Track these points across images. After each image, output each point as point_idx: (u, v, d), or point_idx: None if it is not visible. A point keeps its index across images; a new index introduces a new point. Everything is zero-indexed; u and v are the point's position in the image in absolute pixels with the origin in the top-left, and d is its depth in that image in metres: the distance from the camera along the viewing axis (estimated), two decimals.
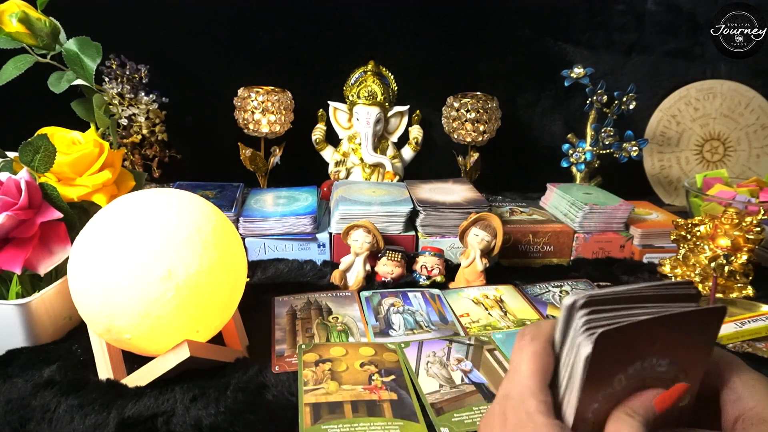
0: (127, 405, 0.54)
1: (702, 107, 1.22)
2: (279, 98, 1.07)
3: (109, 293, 0.52)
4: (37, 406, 0.54)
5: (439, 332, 0.71)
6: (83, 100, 0.82)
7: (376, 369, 0.62)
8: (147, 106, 1.05)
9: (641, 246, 0.95)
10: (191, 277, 0.53)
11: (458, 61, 1.21)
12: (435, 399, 0.57)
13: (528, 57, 1.22)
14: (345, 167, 1.11)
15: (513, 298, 0.80)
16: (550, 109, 1.25)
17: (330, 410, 0.54)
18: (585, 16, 1.19)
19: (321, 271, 0.88)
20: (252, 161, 1.10)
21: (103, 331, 0.55)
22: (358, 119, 1.09)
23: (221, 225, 0.59)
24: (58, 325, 0.66)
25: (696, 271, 0.84)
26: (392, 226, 0.90)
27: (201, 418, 0.53)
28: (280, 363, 0.63)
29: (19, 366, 0.60)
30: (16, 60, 0.74)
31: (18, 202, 0.61)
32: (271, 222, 0.89)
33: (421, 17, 1.18)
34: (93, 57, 0.75)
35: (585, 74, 1.08)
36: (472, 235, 0.84)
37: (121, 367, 0.59)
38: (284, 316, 0.73)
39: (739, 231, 0.81)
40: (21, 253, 0.61)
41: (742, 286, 0.82)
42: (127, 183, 0.79)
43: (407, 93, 1.14)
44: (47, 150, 0.68)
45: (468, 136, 1.11)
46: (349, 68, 1.12)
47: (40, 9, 0.75)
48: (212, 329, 0.59)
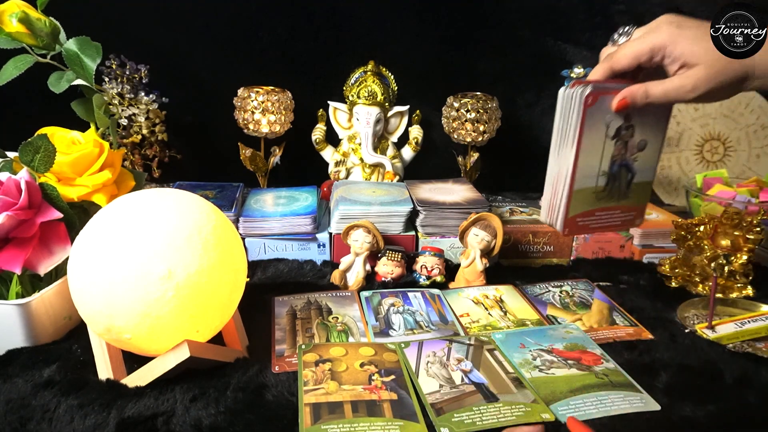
0: (127, 405, 0.54)
1: (702, 107, 1.22)
2: (279, 98, 1.07)
3: (109, 293, 0.52)
4: (37, 406, 0.54)
5: (439, 332, 0.71)
6: (83, 100, 0.82)
7: (376, 369, 0.62)
8: (147, 106, 1.05)
9: (641, 246, 0.95)
10: (191, 277, 0.53)
11: (458, 61, 1.21)
12: (435, 399, 0.57)
13: (528, 57, 1.21)
14: (345, 167, 1.11)
15: (513, 298, 0.80)
16: (550, 109, 1.25)
17: (330, 410, 0.54)
18: (585, 16, 1.19)
19: (321, 271, 0.88)
20: (252, 161, 1.10)
21: (103, 331, 0.55)
22: (358, 119, 1.09)
23: (221, 225, 0.59)
24: (58, 325, 0.66)
25: (696, 271, 0.84)
26: (392, 226, 0.90)
27: (201, 418, 0.53)
28: (280, 363, 0.63)
29: (19, 366, 0.60)
30: (16, 60, 0.74)
31: (18, 202, 0.61)
32: (271, 222, 0.89)
33: (421, 17, 1.18)
34: (93, 57, 0.75)
35: (585, 74, 1.08)
36: (472, 235, 0.84)
37: (121, 367, 0.59)
38: (284, 316, 0.73)
39: (739, 231, 0.81)
40: (21, 253, 0.61)
41: (742, 286, 0.82)
42: (127, 183, 0.79)
43: (407, 93, 1.14)
44: (47, 150, 0.67)
45: (468, 136, 1.11)
46: (349, 68, 1.12)
47: (40, 9, 0.75)
48: (212, 329, 0.59)
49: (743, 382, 0.61)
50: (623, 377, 0.62)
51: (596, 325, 0.74)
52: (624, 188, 0.62)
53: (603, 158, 0.58)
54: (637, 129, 0.59)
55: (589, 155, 0.58)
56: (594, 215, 0.61)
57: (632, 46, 0.54)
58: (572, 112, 0.56)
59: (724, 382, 0.61)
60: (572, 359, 0.65)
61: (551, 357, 0.65)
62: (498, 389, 0.59)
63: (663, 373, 0.62)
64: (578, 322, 0.74)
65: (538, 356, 0.65)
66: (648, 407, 0.57)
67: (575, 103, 0.55)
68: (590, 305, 0.79)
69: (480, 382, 0.60)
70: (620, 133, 0.58)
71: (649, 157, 0.61)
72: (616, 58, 0.54)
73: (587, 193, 0.60)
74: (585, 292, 0.83)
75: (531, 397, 0.58)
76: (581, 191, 0.59)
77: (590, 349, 0.67)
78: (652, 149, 0.61)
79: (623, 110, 0.56)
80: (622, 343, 0.69)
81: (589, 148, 0.57)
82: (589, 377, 0.61)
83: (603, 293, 0.81)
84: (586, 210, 0.61)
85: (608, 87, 0.56)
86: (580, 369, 0.63)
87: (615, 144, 0.58)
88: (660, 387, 0.60)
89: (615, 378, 0.61)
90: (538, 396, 0.58)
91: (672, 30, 0.52)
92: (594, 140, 0.57)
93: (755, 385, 0.60)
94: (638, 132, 0.59)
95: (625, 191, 0.62)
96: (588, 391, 0.59)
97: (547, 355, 0.66)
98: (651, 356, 0.66)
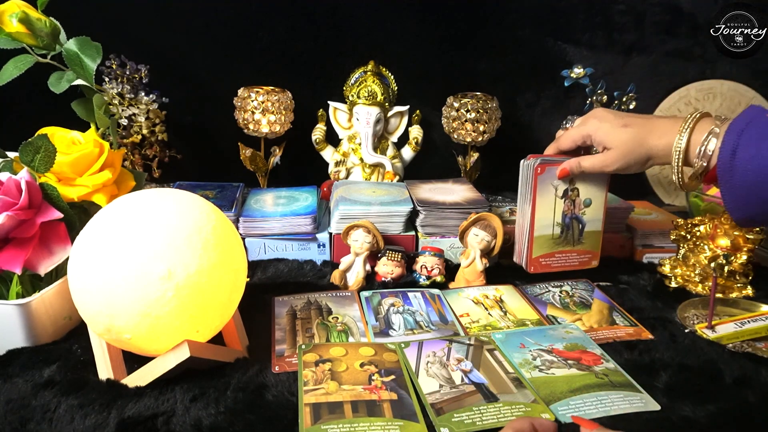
0: (127, 405, 0.54)
1: (702, 107, 1.22)
2: (279, 98, 1.07)
3: (109, 293, 0.52)
4: (37, 406, 0.54)
5: (439, 332, 0.71)
6: (83, 100, 0.82)
7: (376, 369, 0.62)
8: (147, 106, 1.05)
9: (641, 246, 0.95)
10: (191, 277, 0.53)
11: (458, 61, 1.21)
12: (435, 399, 0.57)
13: (528, 57, 1.21)
14: (345, 167, 1.11)
15: (513, 298, 0.80)
16: (550, 109, 1.25)
17: (330, 410, 0.54)
18: (585, 16, 1.19)
19: (321, 271, 0.88)
20: (252, 161, 1.10)
21: (103, 331, 0.55)
22: (358, 119, 1.09)
23: (221, 225, 0.59)
24: (58, 325, 0.66)
25: (696, 271, 0.84)
26: (392, 226, 0.90)
27: (201, 418, 0.53)
28: (280, 363, 0.63)
29: (20, 366, 0.60)
30: (17, 60, 0.74)
31: (18, 202, 0.61)
32: (271, 222, 0.89)
33: (421, 17, 1.18)
34: (93, 57, 0.75)
35: (585, 74, 1.08)
36: (472, 235, 0.84)
37: (121, 367, 0.59)
38: (284, 316, 0.73)
39: (738, 231, 0.81)
40: (21, 253, 0.61)
41: (741, 286, 0.82)
42: (127, 183, 0.79)
43: (407, 93, 1.14)
44: (47, 150, 0.68)
45: (468, 136, 1.11)
46: (349, 68, 1.12)
47: (40, 9, 0.75)
48: (212, 329, 0.59)
49: (743, 382, 0.61)
50: (623, 377, 0.62)
51: (596, 325, 0.74)
52: (577, 236, 0.82)
53: (555, 212, 0.80)
54: (581, 190, 0.80)
55: (543, 210, 0.79)
56: (554, 256, 0.82)
57: (570, 133, 0.75)
58: (529, 179, 0.78)
59: (724, 382, 0.61)
60: (572, 359, 0.65)
61: (551, 357, 0.65)
62: (498, 389, 0.59)
63: (663, 373, 0.62)
64: (578, 322, 0.74)
65: (538, 356, 0.65)
66: (648, 407, 0.57)
67: (530, 172, 0.77)
68: (590, 305, 0.79)
69: (480, 382, 0.60)
70: (567, 194, 0.80)
71: (595, 211, 0.82)
72: (561, 141, 0.77)
73: (546, 239, 0.81)
74: (585, 292, 0.83)
75: (531, 397, 0.58)
76: (541, 237, 0.80)
77: (590, 349, 0.67)
78: (597, 205, 0.81)
79: (566, 177, 0.78)
80: (622, 343, 0.69)
81: (543, 204, 0.79)
82: (589, 377, 0.61)
83: (603, 293, 0.81)
84: (546, 252, 0.81)
85: (554, 160, 0.78)
86: (580, 369, 0.63)
87: (564, 202, 0.80)
88: (660, 387, 0.60)
89: (615, 378, 0.61)
90: (538, 396, 0.58)
91: (596, 123, 0.72)
92: (546, 199, 0.79)
93: (755, 385, 0.60)
94: (583, 192, 0.80)
95: (578, 238, 0.82)
96: (588, 391, 0.59)
97: (547, 355, 0.66)
98: (651, 356, 0.66)
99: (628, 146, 0.69)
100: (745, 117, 0.61)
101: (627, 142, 0.69)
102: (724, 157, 0.60)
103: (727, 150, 0.59)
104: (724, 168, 0.60)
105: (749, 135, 0.59)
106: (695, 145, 0.64)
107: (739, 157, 0.58)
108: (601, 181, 0.80)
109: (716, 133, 0.63)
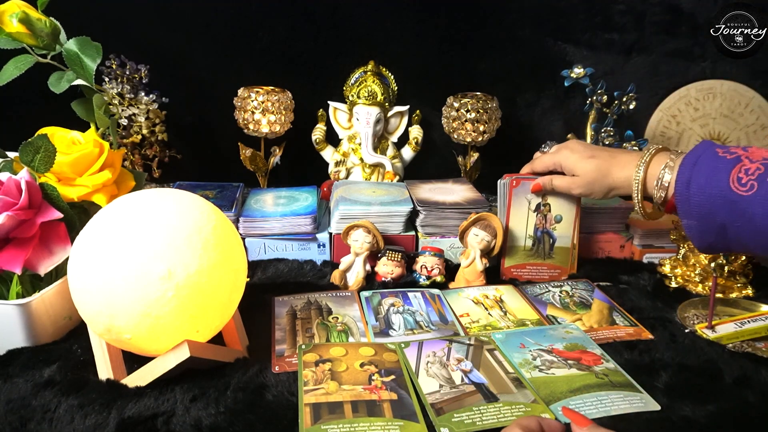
0: (127, 405, 0.54)
1: (702, 107, 1.22)
2: (279, 98, 1.07)
3: (109, 293, 0.52)
4: (38, 406, 0.54)
5: (439, 332, 0.71)
6: (83, 100, 0.82)
7: (376, 369, 0.62)
8: (147, 106, 1.05)
9: (641, 246, 0.95)
10: (191, 277, 0.53)
11: (458, 61, 1.21)
12: (435, 399, 0.57)
13: (528, 57, 1.21)
14: (345, 167, 1.11)
15: (513, 298, 0.81)
16: (550, 109, 1.25)
17: (330, 410, 0.54)
18: (585, 16, 1.19)
19: (321, 271, 0.88)
20: (252, 161, 1.10)
21: (103, 331, 0.55)
22: (358, 119, 1.08)
23: (221, 225, 0.59)
24: (58, 325, 0.66)
25: (696, 271, 0.84)
26: (392, 226, 0.90)
27: (201, 418, 0.53)
28: (280, 363, 0.63)
29: (20, 366, 0.60)
30: (17, 60, 0.74)
31: (18, 202, 0.61)
32: (271, 222, 0.89)
33: (421, 17, 1.18)
34: (93, 57, 0.75)
35: (585, 74, 1.08)
36: (472, 235, 0.84)
37: (121, 367, 0.59)
38: (284, 316, 0.73)
39: None
40: (21, 253, 0.61)
41: (742, 286, 0.82)
42: (127, 183, 0.79)
43: (407, 93, 1.14)
44: (47, 150, 0.68)
45: (468, 136, 1.11)
46: (349, 68, 1.12)
47: (40, 9, 0.75)
48: (212, 329, 0.59)
49: (743, 381, 0.61)
50: (623, 377, 0.62)
51: (596, 325, 0.74)
52: (548, 250, 0.88)
53: (528, 225, 0.86)
54: (553, 206, 0.86)
55: (517, 222, 0.86)
56: (525, 268, 0.88)
57: (544, 159, 0.82)
58: (505, 193, 0.86)
59: (724, 381, 0.61)
60: (572, 359, 0.65)
61: (551, 357, 0.65)
62: (498, 389, 0.59)
63: (663, 373, 0.62)
64: (578, 322, 0.74)
65: (538, 356, 0.65)
66: (648, 407, 0.57)
67: (506, 188, 0.85)
68: (590, 305, 0.79)
69: (480, 382, 0.60)
70: (540, 208, 0.86)
71: (566, 228, 0.87)
72: (536, 165, 0.84)
73: (518, 250, 0.87)
74: (585, 292, 0.83)
75: (531, 397, 0.58)
76: (513, 248, 0.87)
77: (590, 349, 0.67)
78: (567, 222, 0.86)
79: (538, 192, 0.84)
80: (622, 343, 0.69)
81: (517, 216, 0.86)
82: (589, 377, 0.61)
83: (603, 293, 0.81)
84: (518, 263, 0.88)
85: (529, 176, 0.85)
86: (580, 369, 0.63)
87: (536, 216, 0.86)
88: (660, 387, 0.60)
89: (615, 378, 0.61)
90: (538, 396, 0.58)
91: (567, 153, 0.79)
92: (520, 211, 0.86)
93: (755, 385, 0.60)
94: (554, 208, 0.86)
95: (549, 252, 0.88)
96: (588, 391, 0.59)
97: (547, 355, 0.66)
98: (651, 356, 0.66)
99: (592, 176, 0.76)
100: (696, 151, 0.65)
101: (591, 172, 0.76)
102: (681, 188, 0.64)
103: (682, 181, 0.64)
104: (681, 198, 0.64)
105: (701, 167, 0.63)
106: (652, 177, 0.69)
107: (693, 187, 0.63)
108: (571, 200, 0.85)
109: (671, 167, 0.67)
